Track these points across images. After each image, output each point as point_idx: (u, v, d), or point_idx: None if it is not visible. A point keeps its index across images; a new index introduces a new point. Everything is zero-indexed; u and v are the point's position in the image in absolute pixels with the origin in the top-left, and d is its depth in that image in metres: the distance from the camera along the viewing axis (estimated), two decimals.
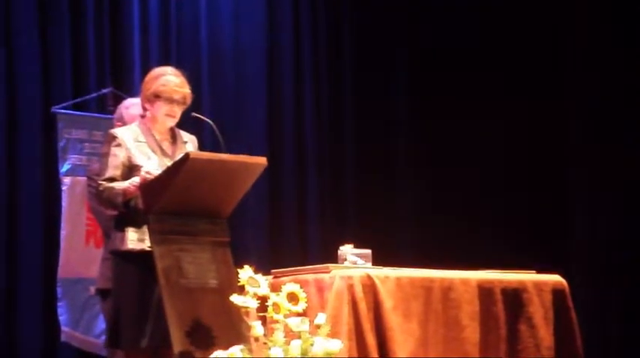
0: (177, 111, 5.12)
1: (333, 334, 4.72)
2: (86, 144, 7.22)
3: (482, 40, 8.97)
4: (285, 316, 4.64)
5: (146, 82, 5.16)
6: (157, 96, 5.08)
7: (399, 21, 9.16)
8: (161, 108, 5.09)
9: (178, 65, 5.50)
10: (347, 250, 5.28)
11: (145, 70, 5.32)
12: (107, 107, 7.21)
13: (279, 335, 4.60)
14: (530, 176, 8.86)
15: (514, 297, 5.53)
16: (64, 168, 7.14)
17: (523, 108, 8.84)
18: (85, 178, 6.36)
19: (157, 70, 5.20)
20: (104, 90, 7.42)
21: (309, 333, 4.62)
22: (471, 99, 8.81)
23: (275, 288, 4.80)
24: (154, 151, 5.06)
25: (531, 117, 8.84)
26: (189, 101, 5.15)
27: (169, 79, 5.11)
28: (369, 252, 5.34)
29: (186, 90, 5.13)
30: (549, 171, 8.82)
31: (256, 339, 4.60)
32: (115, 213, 5.04)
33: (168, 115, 5.10)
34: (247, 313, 4.65)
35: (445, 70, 8.95)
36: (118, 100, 6.23)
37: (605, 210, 8.61)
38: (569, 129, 8.85)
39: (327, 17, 9.02)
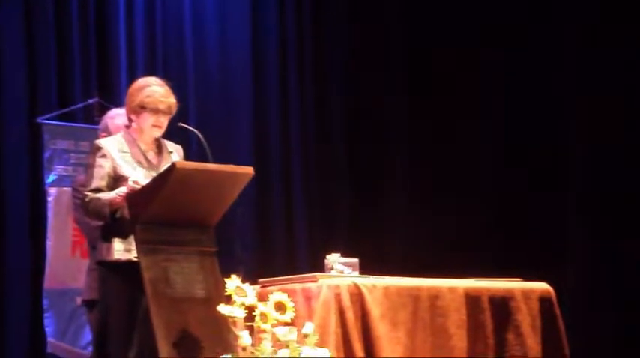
0: (164, 121, 5.11)
1: (321, 343, 4.72)
2: (72, 154, 7.21)
3: (483, 40, 8.99)
4: (273, 325, 4.64)
5: (131, 93, 5.14)
6: (142, 108, 5.07)
7: (394, 24, 9.19)
8: (147, 119, 5.07)
9: (165, 75, 5.49)
10: (334, 259, 5.28)
11: (131, 81, 5.32)
12: (93, 117, 7.19)
13: (266, 345, 4.60)
14: (523, 181, 8.86)
15: (501, 305, 5.54)
16: (50, 178, 7.12)
17: (520, 110, 8.87)
18: (70, 189, 6.34)
19: (141, 81, 5.18)
20: (90, 101, 7.41)
21: (297, 343, 4.62)
22: (465, 103, 8.83)
23: (262, 298, 4.79)
24: (139, 161, 5.05)
25: (527, 119, 8.88)
26: (174, 110, 5.14)
27: (154, 89, 5.10)
28: (356, 260, 5.34)
29: (171, 99, 5.12)
30: (543, 176, 8.83)
31: (244, 349, 4.59)
32: (101, 223, 5.02)
33: (154, 126, 5.09)
34: (235, 323, 4.64)
35: (439, 78, 8.99)
36: (104, 111, 6.22)
37: (600, 214, 8.62)
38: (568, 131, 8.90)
39: (313, 24, 9.03)
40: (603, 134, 8.60)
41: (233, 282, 4.69)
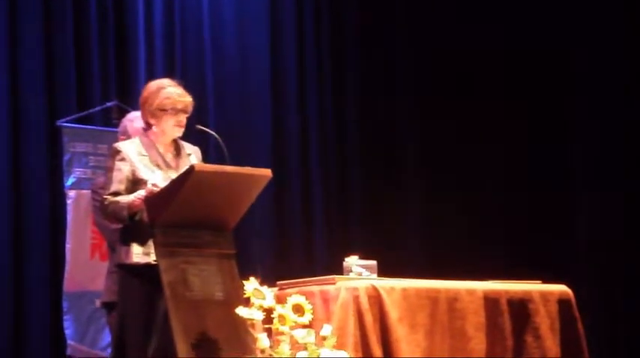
0: (183, 120, 5.13)
1: (339, 345, 4.72)
2: (91, 157, 7.22)
3: (487, 42, 8.98)
4: (291, 328, 4.64)
5: (146, 97, 5.14)
6: (162, 110, 5.08)
7: (403, 27, 9.17)
8: (168, 120, 5.09)
9: (183, 77, 5.51)
10: (352, 261, 5.28)
11: None
12: (112, 120, 7.20)
13: (285, 347, 4.60)
14: (533, 185, 8.85)
15: (520, 308, 5.52)
16: (69, 181, 7.14)
17: (524, 112, 8.86)
18: (89, 191, 6.36)
19: (155, 84, 5.19)
20: (109, 104, 7.43)
21: (315, 345, 4.63)
22: (474, 108, 8.83)
23: (281, 300, 4.80)
24: (157, 164, 5.06)
25: (532, 122, 8.87)
26: (190, 109, 5.16)
27: (170, 90, 5.12)
28: (374, 263, 5.34)
29: (188, 98, 5.15)
30: (553, 179, 8.82)
31: (262, 351, 4.60)
32: (120, 226, 5.04)
33: (177, 126, 5.11)
34: (253, 325, 4.65)
35: (450, 80, 8.97)
36: (123, 113, 6.23)
37: (609, 217, 8.60)
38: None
39: (331, 25, 9.03)
40: (610, 131, 8.62)
41: (251, 285, 4.70)
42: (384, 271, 5.34)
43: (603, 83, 8.71)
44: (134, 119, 5.69)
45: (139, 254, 4.95)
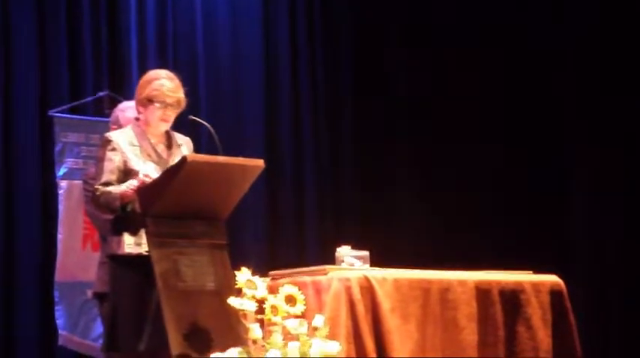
0: (171, 115, 5.09)
1: (331, 336, 4.72)
2: (83, 147, 7.22)
3: (483, 40, 8.97)
4: (283, 318, 4.64)
5: (140, 85, 5.12)
6: (149, 101, 5.06)
7: (399, 25, 9.16)
8: (154, 112, 5.06)
9: (175, 68, 5.49)
10: (344, 252, 5.28)
11: (142, 73, 5.30)
12: (104, 110, 7.20)
13: (277, 338, 4.60)
14: (529, 177, 8.85)
15: (512, 298, 5.52)
16: (61, 171, 7.14)
17: (522, 106, 8.85)
18: (81, 182, 6.35)
19: (151, 74, 5.16)
20: (101, 94, 7.42)
21: (307, 335, 4.62)
22: (469, 101, 8.82)
23: (273, 290, 4.79)
24: (149, 155, 5.05)
25: (531, 118, 8.87)
26: (183, 105, 5.12)
27: (163, 82, 5.07)
28: (366, 253, 5.34)
29: (180, 94, 5.09)
30: (548, 170, 8.82)
31: (254, 342, 4.59)
32: (111, 217, 5.02)
33: (161, 120, 5.07)
34: (245, 315, 4.64)
35: (444, 74, 8.96)
36: (115, 103, 6.22)
37: (605, 211, 8.60)
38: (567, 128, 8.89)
39: (325, 20, 9.01)
40: (609, 130, 8.61)
41: (244, 275, 4.69)
42: (376, 261, 5.34)
43: (602, 83, 8.69)
44: (126, 109, 5.67)
45: (131, 244, 4.94)
